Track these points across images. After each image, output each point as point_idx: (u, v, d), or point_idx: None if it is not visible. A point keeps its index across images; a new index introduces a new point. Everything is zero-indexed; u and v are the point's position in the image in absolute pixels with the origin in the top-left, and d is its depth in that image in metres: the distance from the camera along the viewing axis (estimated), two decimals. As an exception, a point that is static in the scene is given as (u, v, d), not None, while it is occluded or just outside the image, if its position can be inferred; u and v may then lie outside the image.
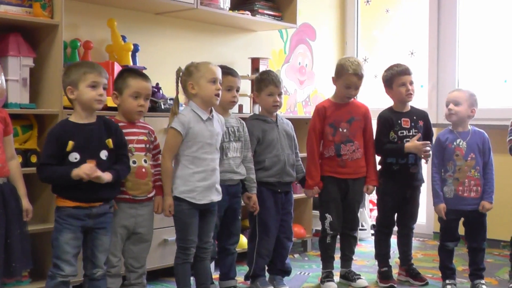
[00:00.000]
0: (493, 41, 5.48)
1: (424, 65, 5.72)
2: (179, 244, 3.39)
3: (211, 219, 3.46)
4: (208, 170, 3.35)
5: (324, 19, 6.02)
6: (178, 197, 3.32)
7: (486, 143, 3.87)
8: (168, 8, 4.38)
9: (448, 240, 3.91)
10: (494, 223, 4.08)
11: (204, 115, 3.36)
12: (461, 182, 3.81)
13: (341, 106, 4.01)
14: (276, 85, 3.84)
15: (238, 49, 5.12)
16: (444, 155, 3.87)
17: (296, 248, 5.04)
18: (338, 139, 3.96)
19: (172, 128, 3.31)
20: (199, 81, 3.35)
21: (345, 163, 3.96)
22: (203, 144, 3.33)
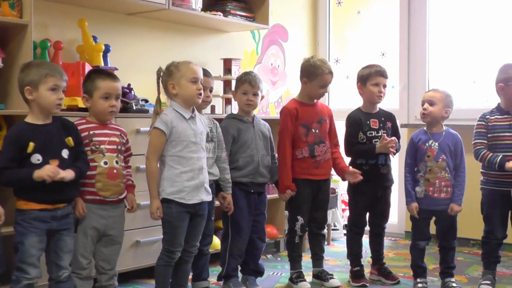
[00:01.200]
0: (462, 42, 5.51)
1: (395, 66, 5.74)
2: (165, 246, 3.34)
3: (201, 223, 3.42)
4: (195, 169, 3.31)
5: (296, 20, 6.01)
6: (166, 199, 3.27)
7: (458, 145, 3.89)
8: (140, 9, 4.33)
9: (420, 239, 3.92)
10: (464, 222, 4.10)
11: (186, 114, 3.32)
12: (432, 182, 3.83)
13: (310, 107, 4.01)
14: (251, 84, 3.83)
15: (210, 49, 5.09)
16: (417, 155, 3.89)
17: (269, 249, 5.03)
18: (311, 139, 3.95)
19: (155, 128, 3.26)
20: (180, 81, 3.31)
21: (319, 164, 3.96)
22: (188, 143, 3.30)
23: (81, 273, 3.07)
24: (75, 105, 3.64)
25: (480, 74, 5.38)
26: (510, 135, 3.78)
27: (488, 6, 5.38)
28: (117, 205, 3.19)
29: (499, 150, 3.77)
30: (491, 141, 3.82)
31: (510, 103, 3.84)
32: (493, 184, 3.83)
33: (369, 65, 4.15)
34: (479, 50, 5.42)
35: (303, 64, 4.02)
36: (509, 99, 3.84)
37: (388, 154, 4.03)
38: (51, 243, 2.95)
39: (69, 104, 3.65)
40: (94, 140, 3.11)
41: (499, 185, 3.81)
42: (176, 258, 3.34)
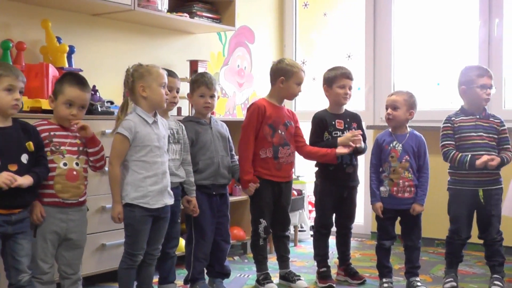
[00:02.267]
0: (426, 44, 5.56)
1: (361, 68, 5.76)
2: (128, 250, 3.30)
3: (163, 226, 3.39)
4: (159, 174, 3.29)
5: (263, 22, 5.99)
6: (130, 203, 3.23)
7: (422, 146, 3.92)
8: (105, 9, 4.27)
9: (385, 239, 3.94)
10: (429, 222, 4.13)
11: (149, 119, 3.29)
12: (396, 183, 3.86)
13: (278, 109, 4.00)
14: (208, 87, 3.79)
15: (177, 51, 5.05)
16: (381, 156, 3.91)
17: (235, 251, 5.00)
18: (276, 141, 3.94)
19: (118, 134, 3.22)
20: (151, 84, 3.27)
21: (281, 166, 3.95)
22: (152, 148, 3.26)
23: (42, 278, 3.00)
24: (38, 107, 3.57)
25: (444, 76, 5.42)
26: (476, 135, 3.82)
27: (452, 9, 5.42)
28: (78, 208, 3.12)
29: (467, 150, 3.81)
30: (458, 142, 3.86)
31: (473, 105, 3.88)
32: (462, 184, 3.86)
33: (335, 67, 4.16)
34: (443, 52, 5.47)
35: (277, 65, 4.01)
36: (471, 101, 3.88)
37: (353, 154, 4.04)
38: (7, 247, 2.88)
39: (32, 106, 3.57)
40: (54, 141, 3.04)
41: (467, 184, 3.84)
42: (138, 261, 3.31)
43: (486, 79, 3.85)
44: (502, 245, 3.87)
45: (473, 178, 3.81)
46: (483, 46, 5.19)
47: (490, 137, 3.84)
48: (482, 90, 3.83)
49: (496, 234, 3.84)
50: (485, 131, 3.83)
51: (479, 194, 3.81)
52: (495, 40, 5.14)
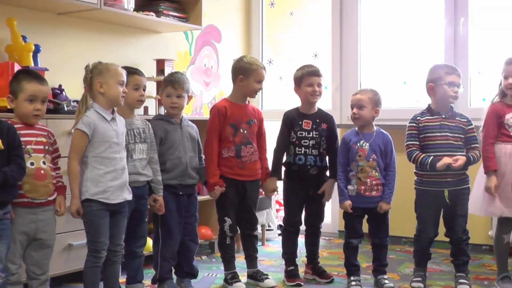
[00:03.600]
0: (393, 43, 5.63)
1: (327, 67, 5.81)
2: (90, 247, 3.31)
3: (122, 221, 3.41)
4: (118, 169, 3.32)
5: (230, 21, 6.02)
6: (89, 199, 3.25)
7: (388, 145, 3.99)
8: (71, 8, 4.26)
9: (352, 237, 4.00)
10: (396, 221, 4.19)
11: (108, 116, 3.32)
12: (363, 181, 3.92)
13: (240, 108, 4.04)
14: (174, 87, 3.81)
15: (143, 50, 5.05)
16: (349, 155, 3.96)
17: (203, 250, 5.03)
18: (238, 140, 3.98)
19: (77, 130, 3.24)
20: (109, 80, 3.31)
21: (245, 164, 3.99)
22: (111, 144, 3.30)
23: (10, 279, 2.99)
24: (3, 106, 3.55)
25: (410, 75, 5.50)
26: (441, 135, 3.88)
27: (418, 8, 5.51)
28: (47, 208, 3.13)
29: (431, 150, 3.87)
30: (423, 142, 3.91)
31: (440, 103, 3.94)
32: (427, 184, 3.93)
33: (302, 66, 4.21)
34: (409, 51, 5.54)
35: (236, 64, 4.06)
36: (438, 99, 3.94)
37: (320, 155, 4.10)
38: None
39: (-2, 105, 3.57)
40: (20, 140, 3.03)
41: (432, 185, 3.90)
42: (102, 258, 3.32)
43: (454, 77, 3.90)
44: (468, 244, 3.94)
45: (438, 179, 3.87)
46: (449, 45, 5.28)
47: (456, 137, 3.89)
48: (450, 87, 3.87)
49: (462, 233, 3.91)
50: (450, 131, 3.89)
51: (444, 194, 3.88)
52: (461, 39, 5.24)
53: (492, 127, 3.88)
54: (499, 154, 3.84)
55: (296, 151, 4.10)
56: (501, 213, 3.85)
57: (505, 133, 3.86)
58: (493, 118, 3.88)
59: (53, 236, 3.20)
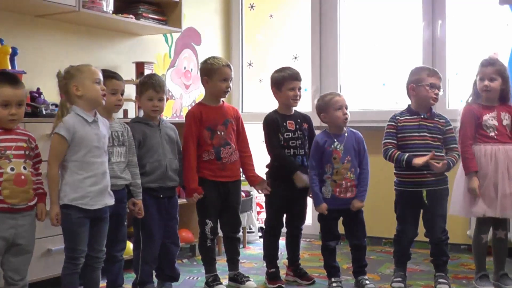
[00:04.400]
0: (372, 46, 5.66)
1: (307, 69, 5.82)
2: (68, 254, 3.27)
3: (104, 227, 3.37)
4: (98, 174, 3.27)
5: (209, 23, 6.01)
6: (67, 204, 3.20)
7: (361, 143, 4.02)
8: (49, 11, 4.23)
9: (329, 239, 4.01)
10: (376, 221, 4.21)
11: (89, 118, 3.27)
12: (339, 184, 3.94)
13: (215, 109, 4.03)
14: (156, 90, 3.79)
15: (122, 53, 5.03)
16: (322, 157, 3.97)
17: (184, 253, 5.01)
18: (216, 142, 3.97)
19: (56, 134, 3.19)
20: (84, 82, 3.25)
21: (225, 166, 3.99)
22: (91, 148, 3.25)
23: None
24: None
25: (389, 77, 5.53)
26: (419, 135, 3.91)
27: (396, 10, 5.55)
28: (27, 213, 3.09)
29: (408, 150, 3.88)
30: (401, 141, 3.94)
31: (420, 104, 3.96)
32: (406, 185, 3.95)
33: (282, 68, 4.20)
34: (388, 53, 5.58)
35: (201, 66, 4.08)
36: (419, 100, 3.96)
37: (305, 155, 4.10)
38: None
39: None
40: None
41: (411, 186, 3.92)
42: (80, 265, 3.27)
43: (435, 79, 3.93)
44: (447, 244, 3.96)
45: (416, 179, 3.90)
46: (427, 47, 5.32)
47: (434, 138, 3.91)
48: (431, 89, 3.90)
49: (441, 233, 3.93)
50: (428, 132, 3.92)
51: (423, 195, 3.90)
52: (439, 41, 5.28)
53: (470, 128, 3.91)
54: (479, 155, 3.87)
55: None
56: (484, 213, 3.88)
57: (483, 134, 3.89)
58: (471, 119, 3.91)
59: (33, 242, 3.16)
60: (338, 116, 3.96)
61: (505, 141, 3.87)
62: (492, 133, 3.87)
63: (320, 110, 4.03)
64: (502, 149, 3.85)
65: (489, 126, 3.87)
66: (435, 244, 3.97)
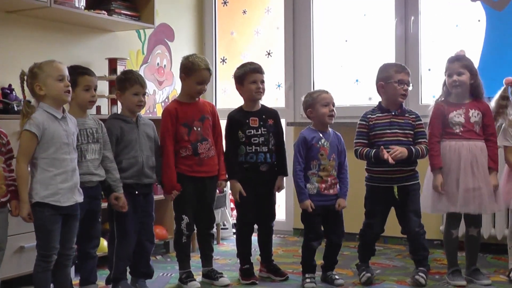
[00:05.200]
0: (346, 42, 5.71)
1: (281, 65, 5.88)
2: (40, 251, 3.26)
3: (74, 224, 3.37)
4: (68, 171, 3.27)
5: (182, 19, 6.02)
6: (39, 202, 3.19)
7: (342, 144, 4.09)
8: (20, 6, 4.23)
9: (314, 239, 4.03)
10: (350, 217, 4.25)
11: (58, 114, 3.27)
12: (324, 180, 3.98)
13: (191, 106, 4.05)
14: (142, 85, 3.83)
15: (95, 49, 5.03)
16: (308, 153, 4.00)
17: (158, 250, 5.02)
18: (193, 138, 4.00)
19: (26, 131, 3.18)
20: (46, 81, 3.24)
21: (203, 161, 4.01)
22: (61, 145, 3.24)
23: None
24: None
25: (362, 73, 5.59)
26: (391, 132, 3.97)
27: (369, 6, 5.61)
28: (0, 210, 3.11)
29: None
30: (373, 139, 4.00)
31: (390, 101, 4.02)
32: (376, 180, 4.01)
33: (243, 64, 4.25)
34: (361, 50, 5.64)
35: (182, 61, 4.09)
36: (389, 97, 4.02)
37: (270, 152, 4.13)
38: None
39: None
40: None
41: (382, 181, 3.98)
42: (52, 262, 3.27)
43: (403, 75, 3.98)
44: (425, 238, 4.01)
45: (387, 175, 3.96)
46: (400, 43, 5.39)
47: (406, 133, 3.98)
48: (399, 85, 3.95)
49: (418, 227, 3.98)
50: (400, 128, 3.98)
51: (394, 190, 3.96)
52: (411, 37, 5.35)
53: (437, 125, 3.98)
54: (444, 151, 3.94)
55: (247, 150, 4.12)
56: (447, 209, 3.96)
57: (449, 132, 3.96)
58: (438, 117, 3.98)
59: (5, 239, 3.18)
60: (324, 113, 4.00)
61: (470, 137, 3.92)
62: (457, 130, 3.93)
63: (307, 106, 4.07)
64: (466, 145, 3.91)
65: (455, 123, 3.94)
66: (413, 240, 4.02)
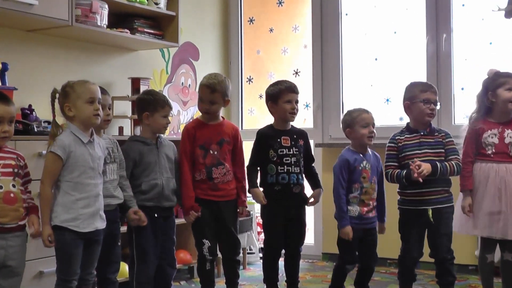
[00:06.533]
0: (376, 61, 5.65)
1: (308, 84, 5.82)
2: (60, 276, 3.23)
3: (96, 249, 3.34)
4: (91, 196, 3.24)
5: (207, 38, 6.00)
6: (60, 226, 3.17)
7: (380, 165, 4.04)
8: (41, 25, 4.22)
9: (349, 263, 3.97)
10: (381, 242, 4.16)
11: (84, 138, 3.25)
12: (366, 203, 3.93)
13: (211, 127, 4.00)
14: (170, 107, 3.87)
15: (117, 68, 5.01)
16: (351, 176, 3.93)
17: (182, 275, 4.97)
18: (209, 161, 3.93)
19: (51, 153, 3.17)
20: (76, 102, 3.23)
21: (217, 186, 3.95)
22: (86, 169, 3.22)
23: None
24: None
25: (393, 92, 5.51)
26: (421, 153, 3.88)
27: (400, 25, 5.54)
28: (18, 233, 3.05)
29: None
30: (403, 161, 3.92)
31: (418, 121, 3.95)
32: (409, 203, 3.92)
33: (278, 81, 4.18)
34: (392, 68, 5.57)
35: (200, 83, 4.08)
36: (415, 117, 3.96)
37: (300, 173, 4.07)
38: None
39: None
40: None
41: (414, 204, 3.89)
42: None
43: (429, 94, 3.91)
44: (453, 264, 3.91)
45: (421, 197, 3.87)
46: (431, 62, 5.31)
47: (436, 153, 3.89)
48: (425, 105, 3.89)
49: (446, 253, 3.89)
50: (430, 148, 3.90)
51: (428, 213, 3.86)
52: (443, 55, 5.27)
53: (471, 145, 3.90)
54: (475, 172, 3.86)
55: (278, 170, 4.04)
56: (471, 232, 3.91)
57: (481, 153, 3.88)
58: (473, 136, 3.90)
59: (23, 264, 3.12)
60: (363, 134, 3.95)
61: (501, 160, 3.83)
62: (489, 151, 3.85)
63: (346, 126, 4.02)
64: (496, 168, 3.81)
65: (487, 143, 3.85)
66: (440, 264, 3.92)
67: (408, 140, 3.94)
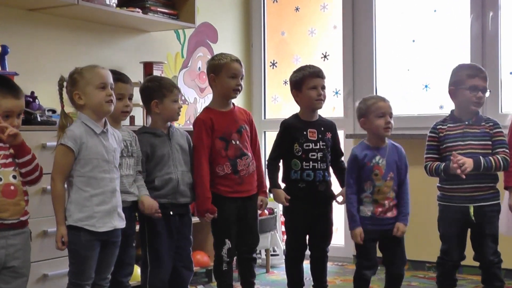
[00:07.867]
0: (413, 43, 5.61)
1: (338, 69, 5.80)
2: (72, 280, 3.26)
3: (113, 252, 3.36)
4: (107, 192, 3.26)
5: (227, 18, 6.00)
6: (74, 225, 3.19)
7: (403, 159, 3.96)
8: (44, 3, 4.23)
9: (366, 268, 3.93)
10: (418, 243, 4.15)
11: (97, 128, 3.26)
12: (381, 204, 3.87)
13: (226, 115, 3.99)
14: (179, 89, 3.88)
15: (128, 52, 5.03)
16: (361, 174, 3.90)
17: (199, 278, 4.99)
18: (232, 153, 3.93)
19: (61, 145, 3.18)
20: (85, 89, 3.24)
21: (243, 179, 3.95)
22: (99, 162, 3.24)
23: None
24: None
25: (432, 78, 5.47)
26: (464, 144, 3.82)
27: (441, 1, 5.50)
28: (20, 231, 3.05)
29: (453, 162, 3.82)
30: (444, 153, 3.87)
31: (462, 110, 3.89)
32: (450, 199, 3.88)
33: (301, 67, 4.17)
34: (431, 51, 5.53)
35: (207, 64, 4.07)
36: (460, 105, 3.90)
37: (327, 169, 4.04)
38: None
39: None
40: None
41: (455, 200, 3.85)
42: None
43: (478, 80, 3.83)
44: (500, 268, 3.87)
45: (462, 194, 3.82)
46: (476, 43, 5.27)
47: (482, 145, 3.82)
48: (471, 92, 3.81)
49: (493, 255, 3.84)
50: (475, 139, 3.83)
51: (469, 211, 3.83)
52: (489, 36, 5.22)
53: None
54: None
55: (303, 166, 4.04)
56: None
57: None
58: None
59: (28, 263, 3.13)
60: (378, 125, 3.88)
61: None
62: None
63: (360, 115, 3.96)
64: None
65: None
66: (486, 269, 3.87)
67: (450, 130, 3.88)
